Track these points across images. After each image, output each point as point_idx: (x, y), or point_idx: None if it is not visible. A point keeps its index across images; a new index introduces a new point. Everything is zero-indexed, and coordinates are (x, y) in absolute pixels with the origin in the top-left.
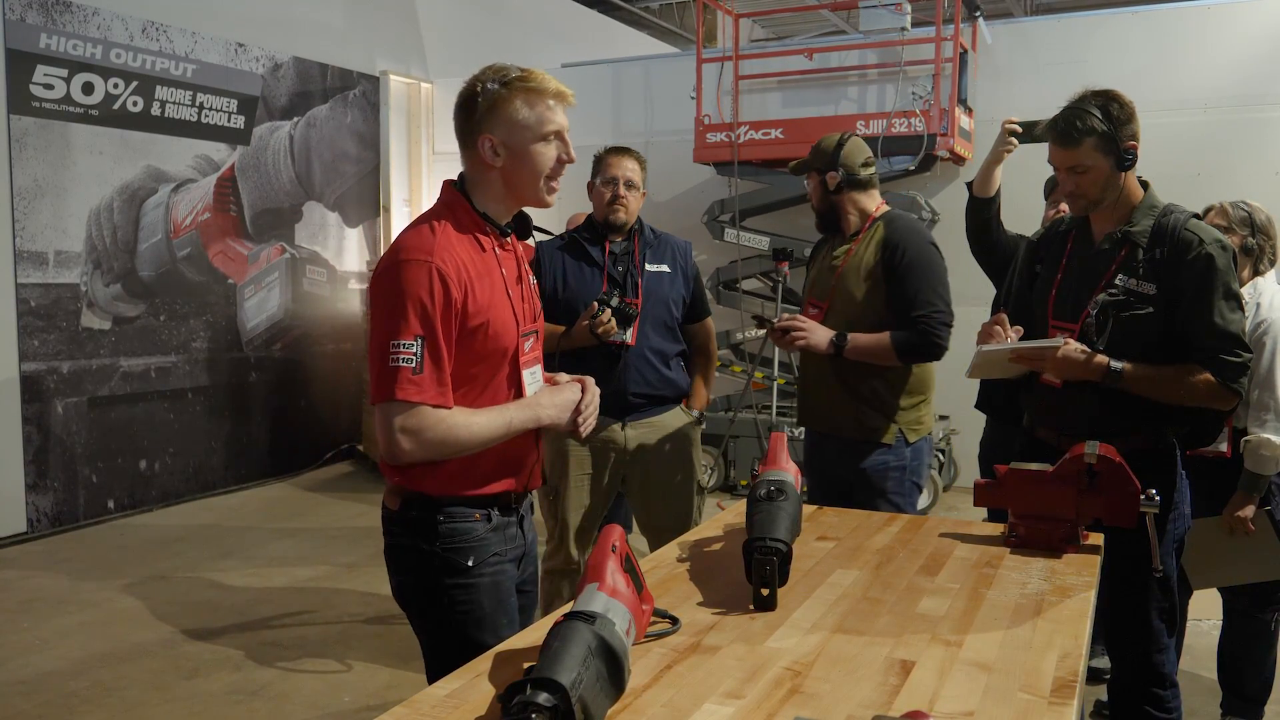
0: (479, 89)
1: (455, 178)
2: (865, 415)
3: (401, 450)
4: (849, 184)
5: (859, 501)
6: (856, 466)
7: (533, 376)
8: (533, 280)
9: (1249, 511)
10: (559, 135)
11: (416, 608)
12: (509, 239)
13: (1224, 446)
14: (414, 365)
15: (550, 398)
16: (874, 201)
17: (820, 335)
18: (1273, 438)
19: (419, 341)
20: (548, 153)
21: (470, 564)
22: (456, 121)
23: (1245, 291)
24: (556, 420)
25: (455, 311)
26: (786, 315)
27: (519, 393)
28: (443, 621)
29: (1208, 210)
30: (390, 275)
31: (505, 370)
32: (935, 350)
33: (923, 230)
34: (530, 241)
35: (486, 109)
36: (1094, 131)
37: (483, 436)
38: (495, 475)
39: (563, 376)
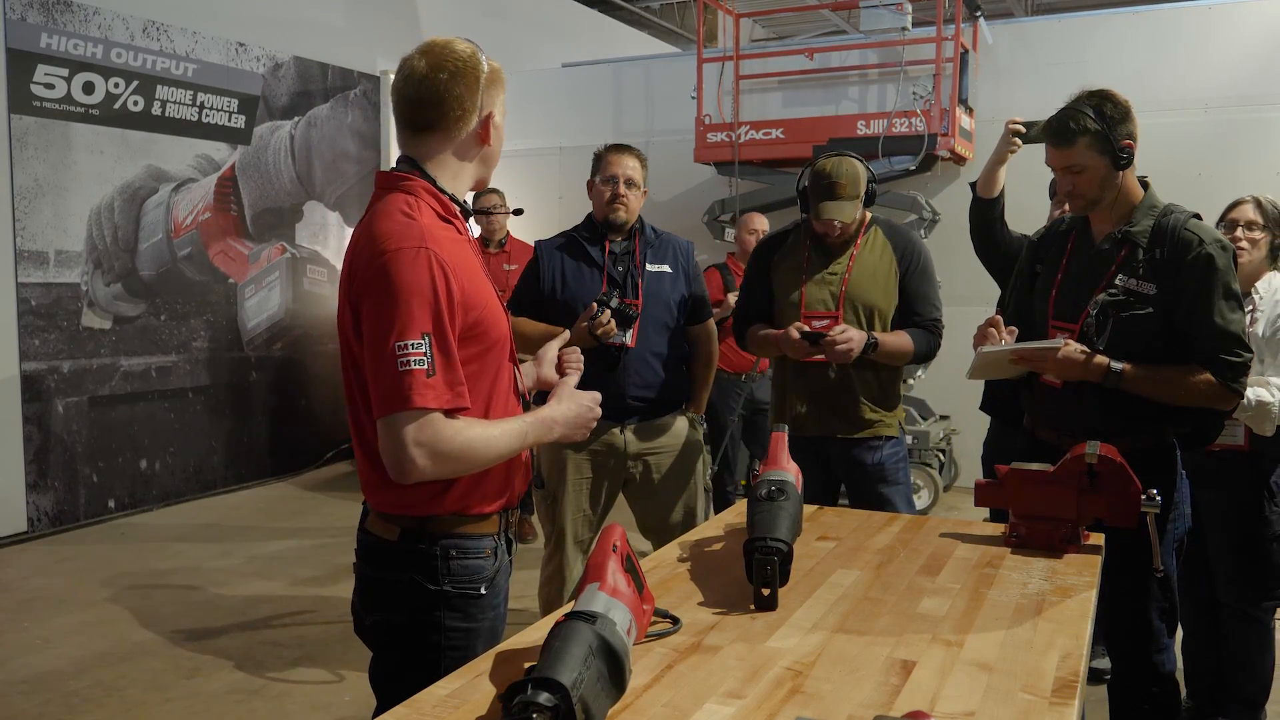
0: (480, 64)
1: (397, 164)
2: (878, 412)
3: (415, 467)
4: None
5: (864, 496)
6: (864, 462)
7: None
8: None
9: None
10: None
11: (400, 650)
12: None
13: (1240, 439)
14: (426, 367)
15: (563, 412)
16: None
17: (859, 340)
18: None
19: (427, 339)
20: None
21: (478, 605)
22: (445, 98)
23: (1260, 285)
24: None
25: (458, 303)
26: (836, 329)
27: (515, 385)
28: (423, 665)
29: (1236, 203)
30: (381, 268)
31: (505, 361)
32: (938, 350)
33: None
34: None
35: (489, 84)
36: (1088, 131)
37: (499, 450)
38: (501, 492)
39: (529, 368)
